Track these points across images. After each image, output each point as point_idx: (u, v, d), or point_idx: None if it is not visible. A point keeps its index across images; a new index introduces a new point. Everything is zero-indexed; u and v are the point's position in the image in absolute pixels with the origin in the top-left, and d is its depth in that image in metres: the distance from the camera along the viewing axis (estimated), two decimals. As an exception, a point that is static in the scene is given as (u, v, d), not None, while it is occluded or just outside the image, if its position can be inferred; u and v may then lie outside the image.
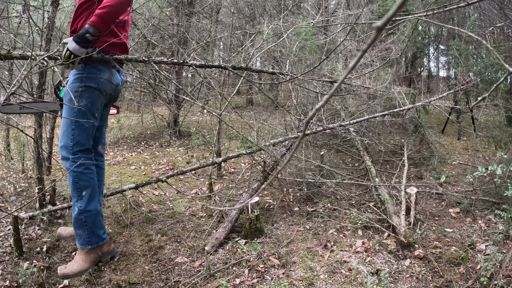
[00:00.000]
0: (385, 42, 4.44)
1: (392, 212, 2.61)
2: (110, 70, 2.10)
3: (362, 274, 2.03)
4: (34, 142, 2.86)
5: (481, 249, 2.29)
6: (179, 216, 2.86)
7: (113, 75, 2.13)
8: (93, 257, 2.08)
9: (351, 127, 3.84)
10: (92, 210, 2.06)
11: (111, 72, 2.11)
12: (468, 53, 4.62)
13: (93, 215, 2.06)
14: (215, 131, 3.79)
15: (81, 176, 2.04)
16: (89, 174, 2.07)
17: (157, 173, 4.13)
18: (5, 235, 2.46)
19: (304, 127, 0.46)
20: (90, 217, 2.05)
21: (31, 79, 3.24)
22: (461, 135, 5.85)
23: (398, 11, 0.36)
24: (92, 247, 2.04)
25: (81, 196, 2.03)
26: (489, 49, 1.04)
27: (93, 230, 2.05)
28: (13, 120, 4.62)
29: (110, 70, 2.10)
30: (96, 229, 2.07)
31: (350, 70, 0.41)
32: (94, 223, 2.06)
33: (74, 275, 2.02)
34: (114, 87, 2.15)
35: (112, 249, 2.16)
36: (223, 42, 10.59)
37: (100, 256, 2.10)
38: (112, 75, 2.12)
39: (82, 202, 2.03)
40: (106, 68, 2.08)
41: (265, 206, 3.08)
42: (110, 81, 2.11)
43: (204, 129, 6.83)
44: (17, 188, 3.37)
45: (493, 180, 2.95)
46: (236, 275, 2.06)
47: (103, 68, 2.06)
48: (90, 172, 2.08)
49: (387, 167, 4.01)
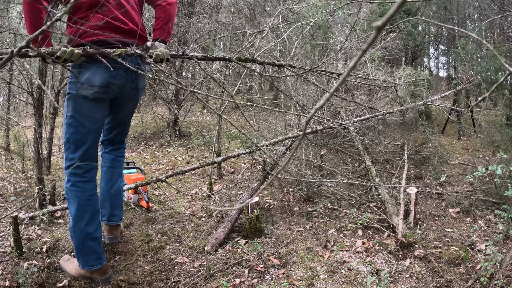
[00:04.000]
0: (385, 40, 4.44)
1: (392, 212, 2.61)
2: (92, 69, 1.77)
3: (362, 274, 2.03)
4: (34, 142, 2.86)
5: (481, 249, 2.29)
6: (179, 216, 2.86)
7: (96, 75, 1.78)
8: (84, 273, 1.95)
9: (351, 126, 3.84)
10: (76, 231, 1.86)
11: (93, 71, 1.78)
12: (473, 53, 4.62)
13: (78, 237, 1.87)
14: (215, 131, 3.79)
15: (68, 192, 1.89)
16: (75, 192, 1.87)
17: (157, 173, 4.13)
18: (5, 235, 2.46)
19: (305, 126, 0.46)
20: (76, 238, 1.88)
21: (31, 79, 3.24)
22: (461, 135, 5.85)
23: (398, 10, 0.36)
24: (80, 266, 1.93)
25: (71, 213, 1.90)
26: (490, 49, 1.04)
27: (81, 253, 1.89)
28: (13, 120, 4.62)
29: (92, 69, 1.77)
30: (85, 254, 1.89)
31: (350, 70, 0.41)
32: (82, 246, 1.88)
33: (69, 275, 2.02)
34: (97, 90, 1.80)
35: (106, 278, 1.96)
36: (223, 42, 10.58)
37: (90, 277, 1.96)
38: (94, 75, 1.78)
39: (70, 219, 1.90)
40: (88, 67, 1.77)
41: (265, 206, 3.08)
42: (90, 83, 1.78)
43: (204, 129, 6.83)
44: (17, 188, 3.37)
45: (493, 180, 2.95)
46: (236, 275, 2.06)
47: (84, 68, 1.77)
48: (76, 189, 1.87)
49: (387, 167, 4.01)
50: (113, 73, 1.80)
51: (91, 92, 1.80)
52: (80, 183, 1.89)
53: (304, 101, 4.06)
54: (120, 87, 1.91)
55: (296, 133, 3.33)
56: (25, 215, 2.57)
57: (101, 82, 1.80)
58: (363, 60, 3.87)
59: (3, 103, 5.51)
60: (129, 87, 1.96)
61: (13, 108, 6.30)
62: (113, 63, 1.66)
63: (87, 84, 1.78)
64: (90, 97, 1.81)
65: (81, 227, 1.87)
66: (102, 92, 1.84)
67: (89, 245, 1.90)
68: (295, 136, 3.26)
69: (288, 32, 3.01)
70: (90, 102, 1.84)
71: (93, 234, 1.91)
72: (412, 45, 6.54)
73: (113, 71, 1.76)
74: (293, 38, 3.76)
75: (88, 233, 1.89)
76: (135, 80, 1.99)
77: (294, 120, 3.85)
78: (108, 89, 1.85)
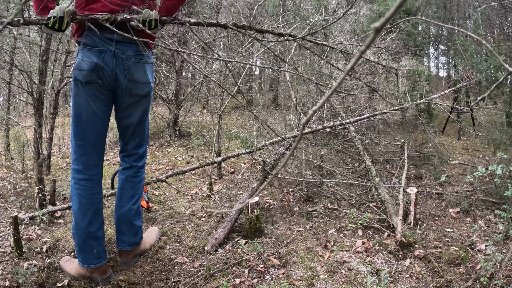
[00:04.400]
0: (385, 40, 4.44)
1: (392, 212, 2.61)
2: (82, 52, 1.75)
3: (362, 274, 2.03)
4: (34, 142, 2.87)
5: (481, 249, 2.29)
6: (179, 216, 2.86)
7: (85, 57, 1.74)
8: (84, 273, 1.94)
9: (351, 126, 3.84)
10: (78, 230, 1.86)
11: (82, 55, 1.75)
12: (472, 50, 4.62)
13: (79, 235, 1.86)
14: (215, 131, 3.79)
15: (72, 189, 1.89)
16: (77, 190, 1.86)
17: (157, 173, 4.13)
18: (5, 235, 2.46)
19: (302, 129, 0.46)
20: (77, 236, 1.87)
21: (31, 79, 3.24)
22: (461, 135, 5.85)
23: (396, 12, 0.36)
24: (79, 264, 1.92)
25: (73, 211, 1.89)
26: (489, 49, 1.04)
27: (82, 251, 1.88)
28: (13, 120, 4.62)
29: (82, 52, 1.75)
30: (85, 253, 1.88)
31: (348, 70, 0.41)
32: (83, 244, 1.87)
33: (69, 275, 2.00)
34: (87, 73, 1.74)
35: (106, 277, 1.95)
36: (223, 42, 10.58)
37: (89, 276, 1.94)
38: (83, 58, 1.74)
39: (72, 217, 1.90)
40: (80, 51, 1.75)
41: (265, 206, 3.08)
42: (80, 66, 1.74)
43: (204, 129, 6.83)
44: (17, 188, 3.37)
45: (493, 180, 2.95)
46: (236, 275, 2.06)
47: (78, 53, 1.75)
48: (78, 187, 1.86)
49: (387, 167, 4.01)
50: (100, 55, 1.76)
51: (82, 75, 1.76)
52: (82, 181, 1.86)
53: (304, 100, 4.07)
54: (112, 73, 1.80)
55: (295, 133, 3.33)
56: (25, 215, 2.57)
57: (89, 65, 1.75)
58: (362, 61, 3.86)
59: (3, 103, 5.51)
60: (122, 78, 1.83)
61: (13, 108, 6.30)
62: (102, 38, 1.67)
63: (78, 67, 1.76)
64: (82, 80, 1.77)
65: (82, 226, 1.86)
66: (92, 75, 1.77)
67: (90, 244, 1.88)
68: (294, 136, 3.26)
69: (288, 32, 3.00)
70: (85, 87, 1.78)
71: (95, 233, 1.89)
72: (412, 46, 6.55)
73: (100, 53, 1.74)
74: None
75: (90, 232, 1.87)
76: (128, 69, 1.84)
77: (294, 120, 3.86)
78: (98, 72, 1.77)
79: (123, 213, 2.04)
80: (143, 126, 2.07)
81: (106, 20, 1.62)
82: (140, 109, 2.00)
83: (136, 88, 1.91)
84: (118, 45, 1.79)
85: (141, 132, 2.07)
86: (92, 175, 1.89)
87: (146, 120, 2.09)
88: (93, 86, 1.80)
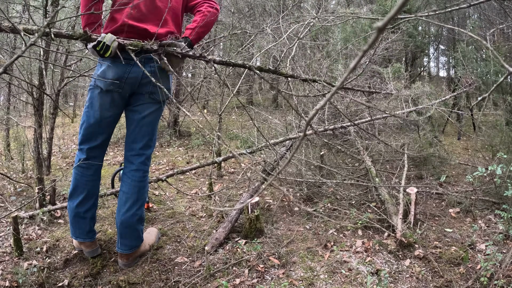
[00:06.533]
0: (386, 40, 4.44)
1: (392, 212, 2.61)
2: (108, 63, 1.90)
3: (362, 274, 2.03)
4: (34, 142, 2.87)
5: (481, 249, 2.29)
6: (179, 216, 2.86)
7: (111, 69, 1.89)
8: (76, 244, 2.21)
9: (351, 127, 3.84)
10: (69, 205, 2.08)
11: (108, 65, 1.90)
12: (472, 56, 4.61)
13: (70, 211, 2.09)
14: (215, 131, 3.79)
15: (73, 170, 2.09)
16: (76, 172, 2.07)
17: (157, 173, 4.13)
18: (5, 235, 2.46)
19: (305, 128, 0.46)
20: (69, 211, 2.10)
21: (31, 79, 3.24)
22: (461, 135, 5.85)
23: (399, 11, 0.36)
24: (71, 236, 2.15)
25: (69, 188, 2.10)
26: (489, 49, 1.04)
27: (72, 224, 2.11)
28: (13, 120, 4.62)
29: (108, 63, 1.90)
30: (74, 226, 2.10)
31: (350, 71, 0.41)
32: (72, 219, 2.09)
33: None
34: (110, 83, 1.90)
35: (91, 251, 2.16)
36: (222, 42, 10.57)
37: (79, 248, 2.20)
38: (109, 69, 1.90)
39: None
40: (105, 62, 1.90)
41: (265, 206, 3.08)
42: (104, 75, 1.91)
43: (204, 129, 6.82)
44: (17, 188, 3.37)
45: (493, 180, 2.95)
46: (236, 275, 2.06)
47: (102, 62, 1.91)
48: (77, 171, 2.06)
49: (387, 167, 4.01)
50: (128, 68, 1.91)
51: (105, 84, 1.92)
52: (80, 168, 2.05)
53: (305, 101, 4.07)
54: (136, 80, 1.96)
55: (296, 134, 3.33)
56: (25, 214, 2.57)
57: (113, 76, 1.90)
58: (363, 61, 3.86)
59: (3, 103, 5.51)
60: (147, 81, 1.99)
61: (13, 108, 6.30)
62: (126, 58, 1.79)
63: (102, 75, 1.91)
64: (103, 88, 1.94)
65: (72, 205, 2.06)
66: (115, 85, 1.92)
67: (77, 221, 2.08)
68: (295, 138, 3.26)
69: (288, 32, 3.01)
70: (103, 93, 1.96)
71: (82, 214, 2.07)
72: (413, 46, 6.55)
73: (128, 66, 1.89)
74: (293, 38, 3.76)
75: (78, 212, 2.06)
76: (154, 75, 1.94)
77: (295, 121, 3.86)
78: (121, 83, 1.93)
79: (127, 219, 2.06)
80: (153, 127, 2.14)
81: (133, 47, 1.76)
82: (154, 108, 2.10)
83: (157, 94, 2.04)
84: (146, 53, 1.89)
85: (151, 132, 2.13)
86: (91, 165, 2.08)
87: (157, 122, 2.17)
88: (112, 94, 1.97)
